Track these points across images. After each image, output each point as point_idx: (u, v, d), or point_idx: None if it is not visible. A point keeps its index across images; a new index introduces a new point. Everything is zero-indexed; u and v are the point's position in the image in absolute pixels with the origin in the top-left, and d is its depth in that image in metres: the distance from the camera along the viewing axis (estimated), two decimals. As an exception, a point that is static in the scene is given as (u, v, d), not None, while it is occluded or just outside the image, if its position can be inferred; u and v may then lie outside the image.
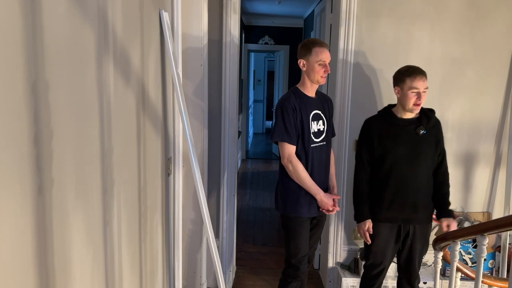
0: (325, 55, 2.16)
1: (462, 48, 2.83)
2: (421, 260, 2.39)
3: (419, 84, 2.13)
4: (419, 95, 2.14)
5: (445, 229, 2.23)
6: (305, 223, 2.28)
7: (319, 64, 2.15)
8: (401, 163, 2.20)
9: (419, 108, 2.19)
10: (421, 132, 2.21)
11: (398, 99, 2.23)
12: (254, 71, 9.94)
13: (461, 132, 2.90)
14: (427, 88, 2.17)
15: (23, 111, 0.84)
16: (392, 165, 2.21)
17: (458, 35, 2.82)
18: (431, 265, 2.93)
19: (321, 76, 2.18)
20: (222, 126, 2.87)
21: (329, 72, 2.21)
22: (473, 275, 1.96)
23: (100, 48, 1.22)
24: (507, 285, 2.07)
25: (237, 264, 3.38)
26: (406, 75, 2.16)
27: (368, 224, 2.27)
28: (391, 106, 2.33)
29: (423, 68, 2.20)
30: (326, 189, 2.31)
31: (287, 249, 2.33)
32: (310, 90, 2.25)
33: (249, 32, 7.39)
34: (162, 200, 2.02)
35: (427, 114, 2.25)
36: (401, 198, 2.22)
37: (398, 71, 2.24)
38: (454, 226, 2.23)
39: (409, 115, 2.24)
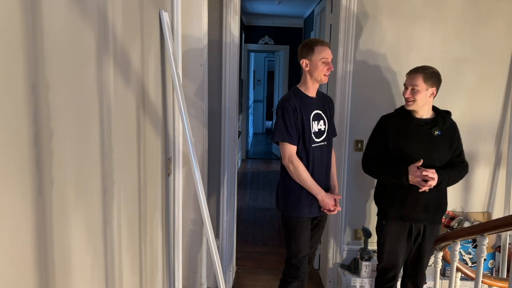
0: (327, 53, 2.18)
1: (462, 48, 2.83)
2: (429, 261, 2.40)
3: (408, 81, 2.22)
4: (407, 90, 2.20)
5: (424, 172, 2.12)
6: (306, 223, 2.28)
7: (323, 62, 2.16)
8: (415, 161, 2.19)
9: (411, 103, 2.20)
10: (436, 133, 2.22)
11: None
12: (254, 71, 9.94)
13: (461, 132, 2.87)
14: (415, 86, 2.17)
15: (23, 111, 0.84)
16: (405, 163, 2.20)
17: (458, 35, 2.82)
18: (431, 265, 2.93)
19: (324, 75, 2.19)
20: (222, 126, 2.87)
21: (333, 69, 2.22)
22: (473, 275, 1.96)
23: (100, 48, 1.22)
24: (507, 285, 2.07)
25: (237, 264, 3.38)
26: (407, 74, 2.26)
27: (414, 166, 2.13)
28: None
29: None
30: (327, 189, 2.31)
31: (288, 249, 2.33)
32: (311, 90, 2.25)
33: (249, 32, 7.38)
34: (162, 200, 2.02)
35: (443, 116, 2.27)
36: (414, 197, 2.22)
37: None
38: (430, 175, 2.11)
39: (424, 115, 2.25)
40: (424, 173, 2.12)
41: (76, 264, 1.11)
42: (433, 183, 2.13)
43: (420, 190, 2.16)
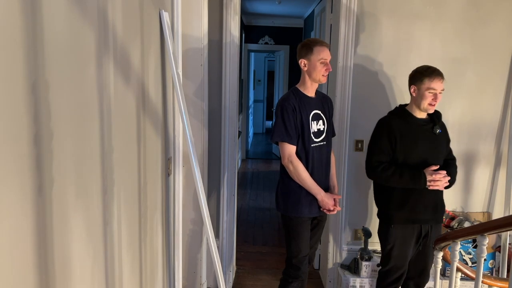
0: (326, 54, 2.17)
1: (462, 48, 2.83)
2: (432, 260, 2.39)
3: (437, 85, 2.16)
4: (435, 96, 2.16)
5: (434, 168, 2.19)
6: (306, 223, 2.28)
7: (321, 63, 2.16)
8: (423, 163, 2.19)
9: (434, 108, 2.21)
10: (437, 131, 2.23)
11: (413, 98, 2.24)
12: (254, 71, 9.94)
13: (461, 132, 2.90)
14: (443, 89, 2.18)
15: (23, 111, 0.84)
16: (414, 166, 2.20)
17: (458, 35, 2.82)
18: (431, 265, 2.93)
19: (323, 75, 2.19)
20: (222, 126, 2.87)
21: (331, 70, 2.21)
22: (473, 275, 1.96)
23: (100, 48, 1.22)
24: (507, 285, 2.07)
25: (237, 264, 3.38)
26: (425, 75, 2.17)
27: (429, 169, 2.17)
28: (402, 106, 2.33)
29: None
30: (326, 188, 2.31)
31: (288, 249, 2.33)
32: (310, 90, 2.25)
33: (249, 32, 7.38)
34: (162, 200, 2.02)
35: (436, 114, 2.29)
36: (423, 198, 2.22)
37: (417, 71, 2.23)
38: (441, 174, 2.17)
39: (422, 115, 2.26)
40: (441, 176, 2.15)
41: (76, 264, 1.11)
42: (444, 184, 2.19)
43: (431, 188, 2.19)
